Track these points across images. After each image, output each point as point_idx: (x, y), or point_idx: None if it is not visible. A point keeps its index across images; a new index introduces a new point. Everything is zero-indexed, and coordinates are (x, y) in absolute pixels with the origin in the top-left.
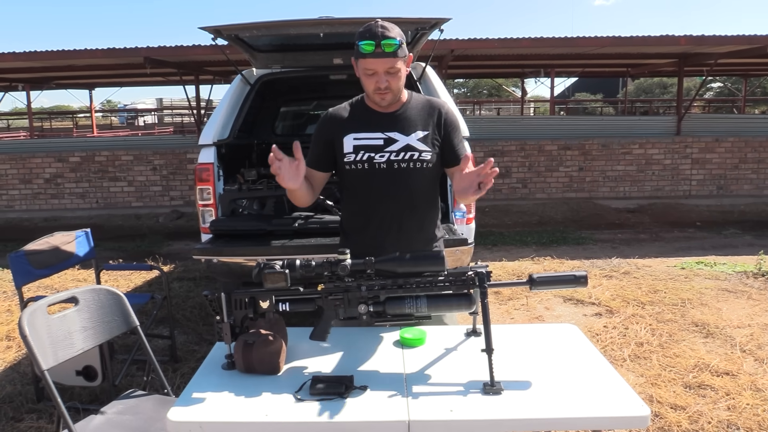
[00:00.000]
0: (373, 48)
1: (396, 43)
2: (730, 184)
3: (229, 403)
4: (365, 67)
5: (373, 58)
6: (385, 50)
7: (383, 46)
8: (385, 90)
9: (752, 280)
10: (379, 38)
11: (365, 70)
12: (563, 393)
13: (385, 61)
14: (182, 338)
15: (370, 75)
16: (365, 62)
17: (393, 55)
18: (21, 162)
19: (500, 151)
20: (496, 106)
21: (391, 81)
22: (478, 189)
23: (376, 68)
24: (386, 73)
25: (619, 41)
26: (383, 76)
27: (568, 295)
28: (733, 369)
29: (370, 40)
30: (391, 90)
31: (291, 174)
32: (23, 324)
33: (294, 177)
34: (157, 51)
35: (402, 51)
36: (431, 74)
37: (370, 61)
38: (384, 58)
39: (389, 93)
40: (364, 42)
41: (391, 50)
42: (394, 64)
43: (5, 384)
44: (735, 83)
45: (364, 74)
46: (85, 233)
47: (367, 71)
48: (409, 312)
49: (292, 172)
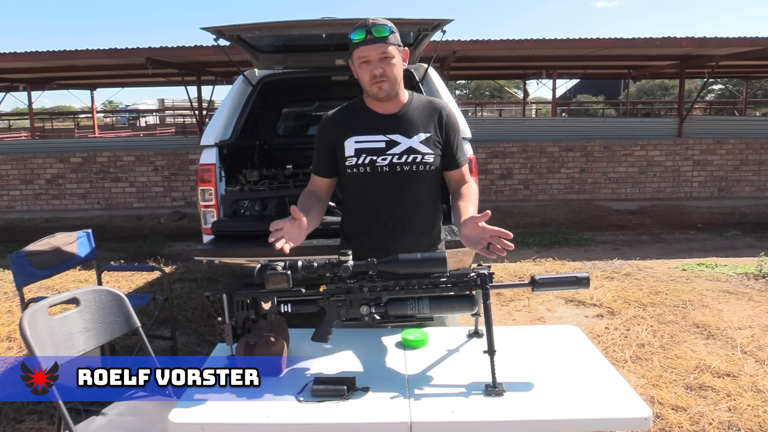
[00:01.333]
0: (364, 35)
1: (386, 29)
2: (731, 186)
3: (230, 405)
4: (358, 56)
5: (364, 45)
6: (375, 35)
7: (373, 32)
8: (381, 78)
9: (753, 282)
10: (369, 26)
11: (359, 59)
12: (565, 394)
13: (376, 46)
14: (184, 339)
15: (364, 65)
16: (358, 51)
17: (384, 41)
18: (22, 162)
19: (502, 153)
20: (498, 108)
21: (386, 68)
22: (487, 249)
23: (368, 55)
24: (380, 60)
25: (620, 43)
26: (377, 64)
27: (570, 297)
28: (734, 370)
29: (361, 29)
30: (387, 78)
31: (295, 234)
32: (24, 325)
33: (298, 236)
34: (159, 51)
35: (394, 38)
36: (433, 75)
37: (362, 48)
38: (375, 44)
39: (385, 81)
40: (356, 32)
41: (381, 35)
42: (385, 49)
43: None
44: (736, 85)
45: (359, 66)
46: (87, 234)
47: (361, 60)
48: (411, 313)
49: (294, 232)
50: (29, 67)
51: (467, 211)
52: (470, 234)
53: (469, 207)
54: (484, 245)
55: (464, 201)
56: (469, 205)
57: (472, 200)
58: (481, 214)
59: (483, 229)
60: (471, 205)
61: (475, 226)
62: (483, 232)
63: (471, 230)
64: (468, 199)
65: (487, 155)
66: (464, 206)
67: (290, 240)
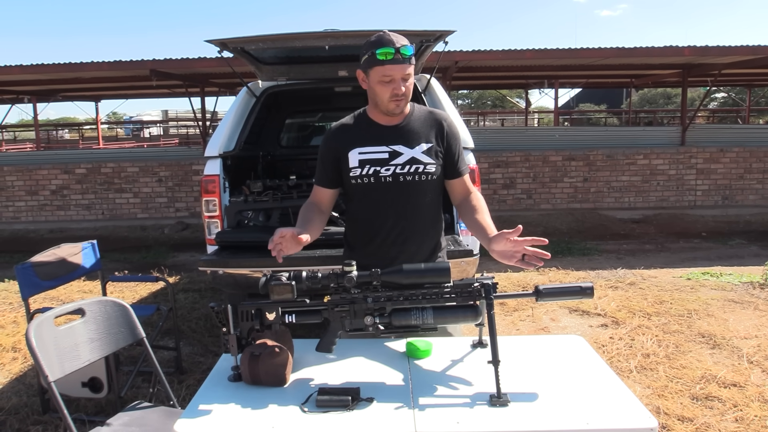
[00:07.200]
0: (393, 55)
1: (410, 49)
2: (735, 195)
3: (235, 415)
4: (384, 74)
5: (392, 64)
6: (403, 55)
7: (402, 51)
8: (401, 96)
9: (758, 291)
10: (396, 45)
11: (383, 77)
12: (570, 405)
13: (403, 67)
14: (188, 350)
15: (387, 82)
16: (384, 69)
17: (409, 61)
18: (27, 174)
19: (505, 162)
20: (500, 117)
21: (407, 87)
22: (522, 260)
23: (394, 74)
24: (402, 79)
25: (622, 52)
26: (401, 83)
27: (574, 306)
28: (741, 380)
29: (389, 47)
30: (405, 97)
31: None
32: (30, 335)
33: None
34: (163, 63)
35: (413, 58)
36: (436, 86)
37: (389, 67)
38: (402, 64)
39: (404, 100)
40: (382, 50)
41: (408, 55)
42: (410, 69)
43: (11, 395)
44: (739, 93)
45: (380, 82)
46: (92, 245)
47: (385, 78)
48: (415, 323)
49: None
50: (35, 79)
51: (488, 225)
52: (503, 249)
53: (487, 220)
54: (518, 257)
55: (480, 214)
56: (486, 218)
57: (486, 212)
58: (512, 229)
59: (516, 243)
60: (488, 218)
61: (507, 242)
62: (516, 245)
63: (504, 246)
64: (482, 212)
65: (489, 165)
66: (482, 220)
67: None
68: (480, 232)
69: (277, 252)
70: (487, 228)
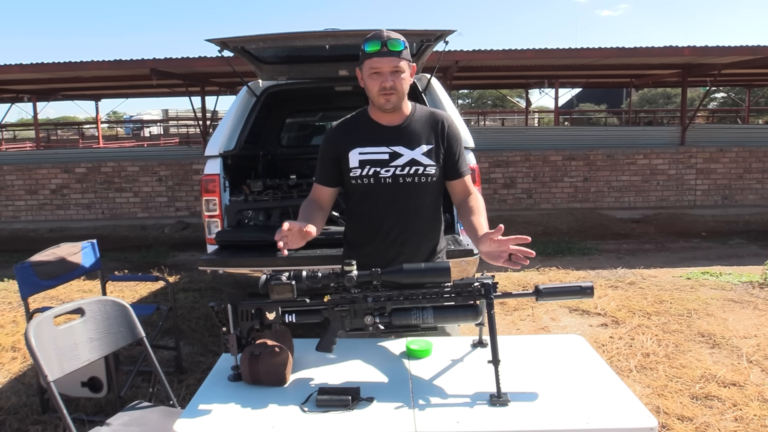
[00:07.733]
0: (379, 47)
1: (400, 43)
2: (735, 194)
3: (235, 415)
4: (371, 66)
5: (378, 56)
6: (390, 49)
7: (388, 45)
8: (390, 90)
9: (758, 290)
10: (384, 39)
11: (370, 69)
12: (570, 404)
13: (390, 60)
14: (188, 349)
15: (375, 75)
16: (371, 62)
17: (397, 55)
18: (27, 173)
19: (505, 162)
20: (500, 117)
21: (396, 82)
22: (509, 260)
23: (381, 67)
24: (391, 73)
25: (622, 52)
26: (388, 76)
27: (574, 306)
28: (740, 380)
29: (376, 40)
30: (396, 92)
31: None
32: (29, 335)
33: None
34: (164, 63)
35: (406, 54)
36: (436, 85)
37: (375, 60)
38: (389, 57)
39: (394, 95)
40: (370, 43)
41: (395, 49)
42: (398, 63)
43: (10, 395)
44: (739, 93)
45: (369, 76)
46: (91, 244)
47: (372, 70)
48: (415, 323)
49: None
50: (34, 78)
51: (480, 226)
52: (489, 250)
53: (481, 221)
54: (505, 257)
55: (475, 216)
56: (481, 219)
57: (482, 213)
58: (494, 229)
59: (500, 243)
60: (483, 219)
61: (491, 242)
62: (500, 245)
63: (489, 246)
64: (478, 213)
65: (490, 164)
66: (476, 221)
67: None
68: (472, 234)
69: (283, 244)
70: (479, 229)
